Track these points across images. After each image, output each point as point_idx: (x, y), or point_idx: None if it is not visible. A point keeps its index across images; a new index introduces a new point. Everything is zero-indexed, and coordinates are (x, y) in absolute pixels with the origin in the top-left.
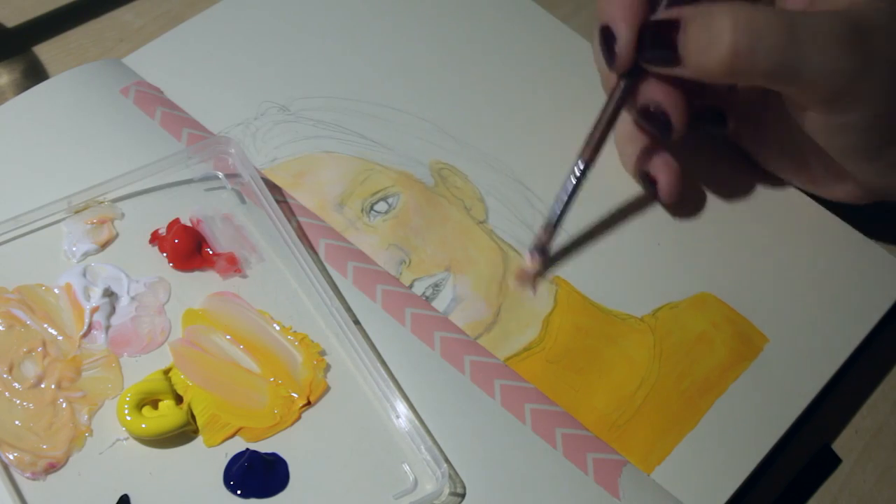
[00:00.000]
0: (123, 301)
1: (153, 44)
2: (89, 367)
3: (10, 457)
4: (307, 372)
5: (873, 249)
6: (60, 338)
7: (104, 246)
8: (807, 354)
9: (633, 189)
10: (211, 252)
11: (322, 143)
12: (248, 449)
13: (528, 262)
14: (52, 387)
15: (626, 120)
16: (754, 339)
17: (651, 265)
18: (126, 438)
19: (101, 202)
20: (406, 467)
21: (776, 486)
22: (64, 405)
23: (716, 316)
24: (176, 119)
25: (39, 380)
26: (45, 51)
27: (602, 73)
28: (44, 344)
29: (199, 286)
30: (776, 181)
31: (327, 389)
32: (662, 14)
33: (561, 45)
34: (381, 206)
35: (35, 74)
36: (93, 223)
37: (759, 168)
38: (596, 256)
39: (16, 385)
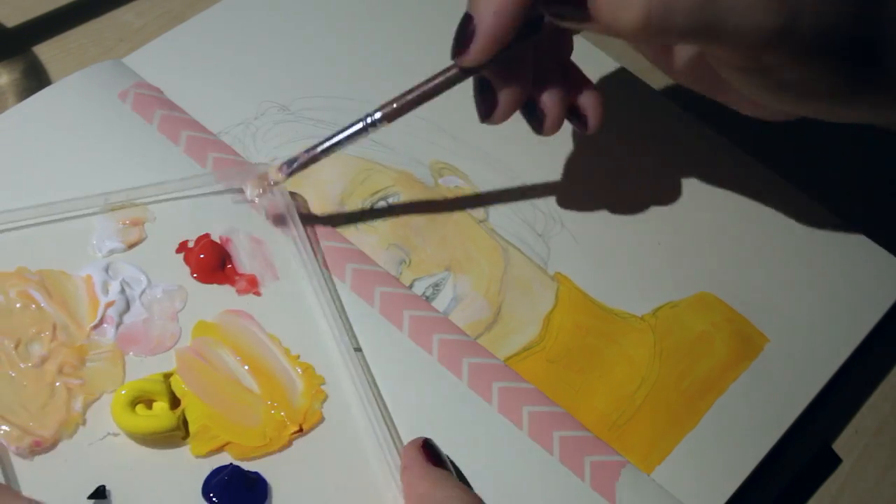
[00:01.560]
0: (139, 302)
1: (153, 44)
2: (94, 359)
3: (3, 428)
4: (305, 400)
5: (873, 249)
6: (71, 325)
7: (132, 247)
8: (807, 354)
9: (635, 188)
10: (234, 271)
11: None
12: (231, 464)
13: (277, 171)
14: (53, 370)
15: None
16: (754, 338)
17: (651, 264)
18: (117, 434)
19: (138, 205)
20: (394, 488)
21: (776, 486)
22: (61, 389)
23: (716, 316)
24: (175, 121)
25: (43, 360)
26: (45, 51)
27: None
28: (53, 328)
29: (215, 300)
30: (776, 181)
31: (321, 420)
32: None
33: None
34: (382, 206)
35: (35, 74)
36: (125, 223)
37: (759, 165)
38: (597, 255)
39: (20, 363)
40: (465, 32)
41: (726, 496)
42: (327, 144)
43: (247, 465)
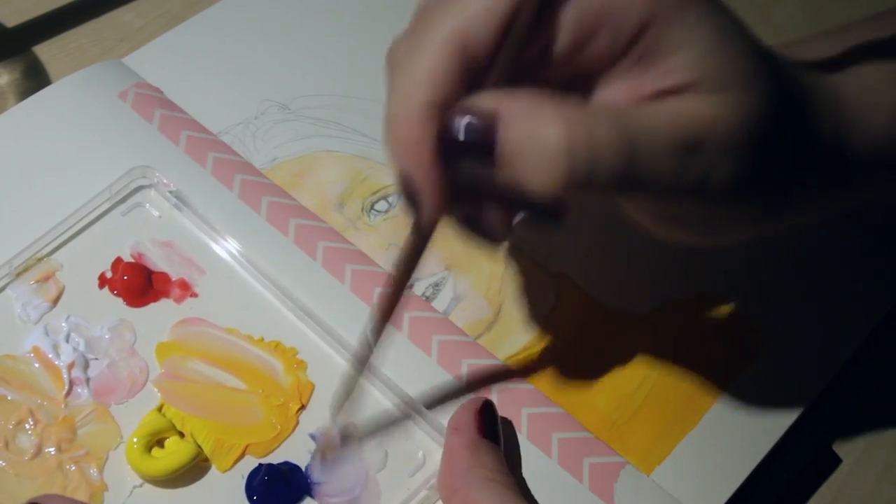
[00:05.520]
0: (94, 350)
1: (153, 44)
2: (83, 424)
3: None
4: (291, 376)
5: (874, 249)
6: (45, 402)
7: (56, 301)
8: (807, 354)
9: None
10: (163, 282)
11: (322, 142)
12: (261, 464)
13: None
14: (53, 452)
15: None
16: (755, 338)
17: (652, 264)
18: (141, 484)
19: (40, 258)
20: (411, 443)
21: (776, 486)
22: (71, 468)
23: (716, 316)
24: (175, 121)
25: (39, 448)
26: (45, 51)
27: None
28: (31, 412)
29: (159, 318)
30: None
31: (314, 388)
32: (479, 103)
33: None
34: (382, 206)
35: (35, 74)
36: (38, 282)
37: None
38: (597, 254)
39: (17, 459)
40: (408, 195)
41: (726, 496)
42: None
43: (272, 458)
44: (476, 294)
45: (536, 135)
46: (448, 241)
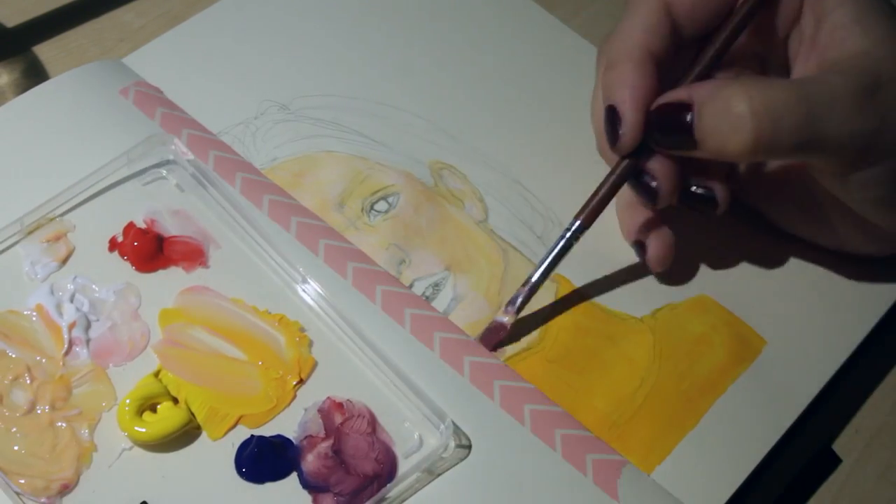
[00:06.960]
0: (97, 312)
1: (153, 44)
2: (79, 384)
3: (22, 482)
4: (292, 350)
5: None
6: (43, 360)
7: (64, 261)
8: (807, 354)
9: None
10: (173, 249)
11: (322, 143)
12: (253, 436)
13: (505, 315)
14: (47, 409)
15: (626, 190)
16: (752, 341)
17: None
18: (130, 447)
19: (52, 218)
20: (408, 425)
21: (776, 486)
22: (63, 425)
23: (714, 318)
24: (176, 119)
25: (32, 405)
26: (45, 51)
27: (602, 146)
28: (28, 369)
29: (167, 285)
30: None
31: (315, 364)
32: (673, 95)
33: (560, 45)
34: (382, 206)
35: (35, 74)
36: (48, 241)
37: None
38: (597, 256)
39: (10, 414)
40: (611, 122)
41: (726, 496)
42: (539, 274)
43: (264, 430)
44: (476, 294)
45: (724, 109)
46: (448, 242)
